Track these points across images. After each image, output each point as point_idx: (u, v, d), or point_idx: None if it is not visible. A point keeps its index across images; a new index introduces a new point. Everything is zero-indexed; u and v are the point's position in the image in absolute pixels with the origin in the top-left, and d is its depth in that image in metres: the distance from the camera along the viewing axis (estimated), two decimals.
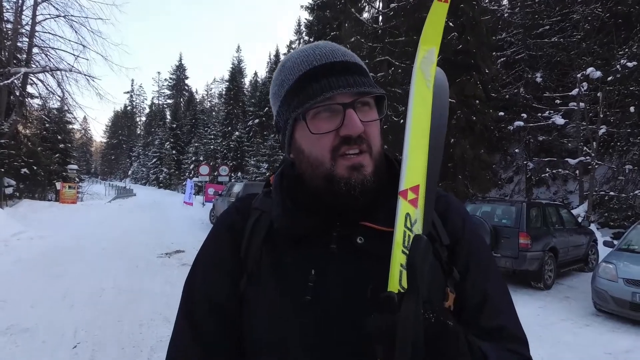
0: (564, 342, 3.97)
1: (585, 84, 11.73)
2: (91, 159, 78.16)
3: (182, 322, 0.64)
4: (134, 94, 74.59)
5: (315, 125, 0.59)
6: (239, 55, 45.64)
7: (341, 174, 0.58)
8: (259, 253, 0.63)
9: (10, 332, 3.50)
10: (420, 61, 0.61)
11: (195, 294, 0.66)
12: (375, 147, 0.61)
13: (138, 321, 3.92)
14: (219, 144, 35.03)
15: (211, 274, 0.66)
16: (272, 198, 0.67)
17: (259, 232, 0.64)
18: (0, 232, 8.23)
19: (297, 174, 0.65)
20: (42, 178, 17.11)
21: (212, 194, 18.22)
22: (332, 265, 0.59)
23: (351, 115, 0.57)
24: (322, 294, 0.57)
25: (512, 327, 0.63)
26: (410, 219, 0.55)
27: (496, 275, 0.67)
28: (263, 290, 0.61)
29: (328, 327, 0.56)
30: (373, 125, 0.60)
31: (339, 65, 0.60)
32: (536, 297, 5.71)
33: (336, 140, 0.58)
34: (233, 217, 0.69)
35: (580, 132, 12.62)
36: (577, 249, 7.31)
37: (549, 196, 15.12)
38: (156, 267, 6.45)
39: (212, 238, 0.70)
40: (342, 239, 0.60)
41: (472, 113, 15.13)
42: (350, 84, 0.57)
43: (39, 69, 16.38)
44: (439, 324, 0.44)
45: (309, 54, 0.62)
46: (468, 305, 0.62)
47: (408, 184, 0.57)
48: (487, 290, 0.63)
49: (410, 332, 0.41)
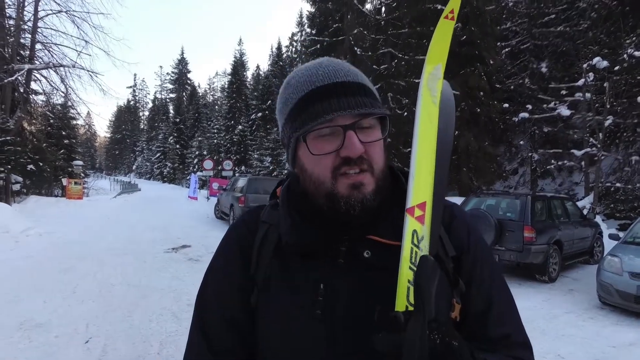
0: (567, 334, 4.00)
1: (591, 74, 11.58)
2: (95, 154, 78.59)
3: (197, 335, 0.66)
4: (136, 89, 74.61)
5: (317, 145, 0.60)
6: (240, 49, 45.55)
7: (342, 192, 0.60)
8: (268, 267, 0.64)
9: (24, 328, 3.58)
10: (427, 79, 0.62)
11: (208, 308, 0.67)
12: (377, 166, 0.61)
13: (147, 316, 4.00)
14: (222, 138, 35.06)
15: (223, 288, 0.67)
16: (280, 212, 0.68)
17: (268, 246, 0.66)
18: (10, 229, 8.35)
19: (302, 189, 0.66)
20: (48, 174, 17.27)
21: (216, 188, 18.30)
22: (340, 279, 0.61)
23: (351, 137, 0.58)
24: (331, 307, 0.59)
25: (517, 335, 0.65)
26: (417, 235, 0.57)
27: (501, 284, 0.68)
28: (274, 304, 0.63)
29: (338, 340, 0.58)
30: (375, 145, 0.61)
31: (341, 86, 0.60)
32: (540, 290, 5.74)
33: (337, 161, 0.59)
34: (242, 232, 0.70)
35: (586, 123, 12.49)
36: (583, 241, 7.30)
37: (554, 188, 15.04)
38: (163, 262, 6.54)
39: (221, 253, 0.71)
40: (350, 253, 0.62)
41: (476, 105, 15.02)
42: (351, 106, 0.58)
43: (42, 66, 16.42)
44: (444, 345, 0.45)
45: (312, 73, 0.63)
46: (473, 314, 0.64)
47: (415, 201, 0.59)
48: (492, 299, 0.65)
49: (415, 353, 0.43)
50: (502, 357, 0.59)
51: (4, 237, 7.96)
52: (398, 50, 15.71)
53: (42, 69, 16.60)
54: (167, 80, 65.38)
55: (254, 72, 46.86)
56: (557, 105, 13.38)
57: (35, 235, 8.56)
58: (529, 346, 0.66)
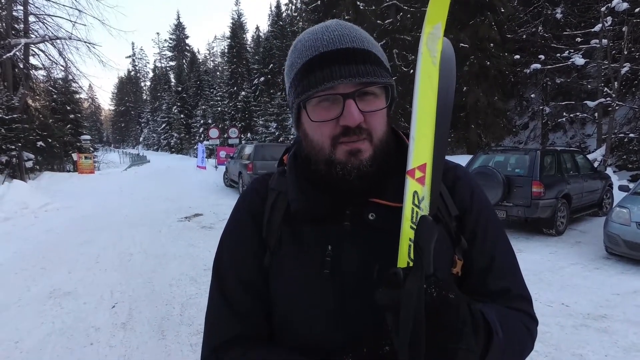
0: (572, 284, 4.11)
1: (609, 17, 10.90)
2: (102, 128, 78.71)
3: (217, 298, 0.69)
4: (135, 58, 73.07)
5: (317, 112, 0.61)
6: (238, 9, 43.64)
7: (339, 158, 0.61)
8: (279, 231, 0.67)
9: (54, 296, 3.83)
10: (426, 39, 0.61)
11: (225, 271, 0.70)
12: (376, 134, 0.62)
13: (167, 282, 4.21)
14: (226, 105, 34.65)
15: (238, 252, 0.70)
16: (287, 179, 0.70)
17: (278, 212, 0.69)
18: (29, 205, 8.65)
19: (306, 154, 0.68)
20: (58, 150, 17.50)
21: (223, 156, 18.40)
22: (347, 240, 0.63)
23: (350, 106, 0.58)
24: (338, 267, 0.62)
25: (517, 289, 0.68)
26: (417, 196, 0.59)
27: (503, 241, 0.70)
28: (285, 265, 0.66)
29: (345, 297, 0.62)
30: (376, 115, 0.61)
31: (345, 52, 0.59)
32: (547, 243, 5.82)
33: (337, 129, 0.60)
34: (252, 199, 0.73)
35: (601, 72, 11.95)
36: (592, 194, 7.27)
37: (566, 141, 14.74)
38: (178, 231, 6.76)
39: (234, 220, 0.74)
40: (355, 215, 0.64)
41: (486, 58, 14.42)
42: (353, 74, 0.58)
43: (38, 39, 16.06)
44: (440, 298, 0.48)
45: (318, 38, 0.62)
46: (475, 270, 0.66)
47: (415, 163, 0.60)
48: (494, 256, 0.67)
49: (412, 306, 0.46)
50: (500, 308, 0.62)
51: (24, 213, 8.27)
52: (403, 1, 14.89)
53: (38, 42, 16.26)
54: (166, 47, 63.76)
55: (253, 34, 45.24)
56: (571, 54, 12.75)
57: (53, 210, 8.86)
58: (529, 299, 0.69)
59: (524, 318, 0.66)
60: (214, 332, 0.68)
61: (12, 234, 6.58)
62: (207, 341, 0.68)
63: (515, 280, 0.69)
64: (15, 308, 3.57)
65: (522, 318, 0.65)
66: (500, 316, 0.58)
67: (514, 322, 0.63)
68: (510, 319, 0.62)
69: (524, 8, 16.11)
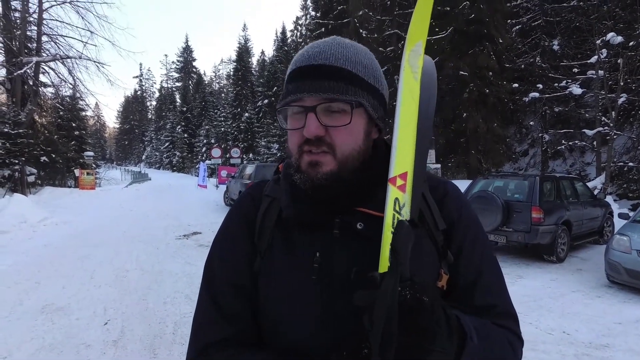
0: (573, 312, 4.03)
1: (604, 50, 11.22)
2: (105, 145, 79.59)
3: (206, 300, 0.70)
4: (143, 78, 74.76)
5: (290, 122, 0.66)
6: (245, 35, 44.98)
7: (302, 167, 0.65)
8: (270, 237, 0.69)
9: (46, 311, 3.76)
10: (408, 55, 0.64)
11: (216, 274, 0.71)
12: (340, 150, 0.64)
13: (162, 299, 4.15)
14: (229, 126, 35.14)
15: (229, 256, 0.72)
16: (280, 186, 0.73)
17: (270, 218, 0.71)
18: (28, 219, 8.63)
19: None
20: (61, 165, 17.62)
21: (225, 176, 18.47)
22: (335, 248, 0.65)
23: (309, 118, 0.62)
24: (326, 274, 0.64)
25: (504, 305, 0.68)
26: (399, 203, 0.61)
27: (490, 257, 0.71)
28: (274, 270, 0.68)
29: (332, 303, 0.63)
30: (340, 130, 0.63)
31: (314, 68, 0.63)
32: (548, 269, 5.75)
33: (302, 139, 0.64)
34: (247, 204, 0.75)
35: (598, 102, 12.18)
36: (592, 221, 7.24)
37: (566, 169, 14.82)
38: (175, 248, 6.71)
39: (228, 223, 0.76)
40: (344, 224, 0.66)
41: (485, 85, 14.75)
42: (316, 89, 0.61)
43: (49, 58, 16.53)
44: (414, 300, 0.49)
45: (303, 53, 0.67)
46: (461, 285, 0.67)
47: (397, 172, 0.62)
48: (481, 271, 0.68)
49: (384, 306, 0.47)
50: (483, 321, 0.62)
51: (23, 227, 8.23)
52: (404, 31, 15.38)
53: (49, 61, 16.72)
54: (173, 69, 65.36)
55: (259, 58, 46.52)
56: (568, 83, 13.04)
57: (51, 224, 8.83)
58: (515, 317, 0.69)
59: (508, 335, 0.65)
60: (201, 334, 0.69)
61: (8, 247, 6.54)
62: (194, 343, 0.68)
63: (502, 296, 0.69)
64: (5, 322, 3.51)
65: (505, 334, 0.65)
66: (478, 325, 0.59)
67: (495, 335, 0.63)
68: (491, 331, 0.62)
69: (521, 39, 16.63)
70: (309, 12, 35.47)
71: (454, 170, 16.97)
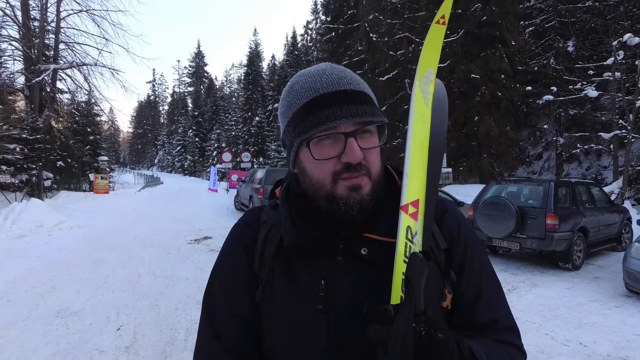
0: (590, 323, 3.92)
1: (621, 51, 10.98)
2: (119, 149, 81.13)
3: (207, 332, 0.69)
4: (155, 84, 76.10)
5: (319, 150, 0.63)
6: (256, 39, 45.53)
7: (341, 193, 0.63)
8: (271, 265, 0.68)
9: (60, 316, 3.84)
10: (419, 82, 0.65)
11: (216, 305, 0.70)
12: (374, 170, 0.64)
13: (173, 305, 4.19)
14: (240, 130, 35.48)
15: (229, 286, 0.70)
16: (280, 212, 0.70)
17: (270, 246, 0.69)
18: (44, 223, 8.84)
19: (301, 189, 0.68)
20: (76, 170, 18.04)
21: (235, 180, 18.62)
22: (339, 275, 0.64)
23: (352, 144, 0.60)
24: (332, 302, 0.63)
25: (505, 320, 0.69)
26: (411, 231, 0.60)
27: (489, 272, 0.72)
28: (277, 299, 0.66)
29: (338, 333, 0.62)
30: (373, 152, 0.64)
31: (344, 94, 0.63)
32: (564, 277, 5.61)
33: (338, 166, 0.62)
34: (244, 232, 0.73)
35: (615, 104, 11.90)
36: (609, 227, 7.05)
37: (581, 172, 14.49)
38: (186, 253, 6.78)
39: (226, 252, 0.74)
40: (348, 250, 0.65)
41: (497, 88, 14.55)
42: (353, 114, 0.60)
43: (66, 65, 16.98)
44: (429, 336, 0.49)
45: (316, 80, 0.65)
46: (464, 302, 0.67)
47: (409, 199, 0.62)
48: (481, 287, 0.69)
49: (399, 343, 0.47)
50: (487, 341, 0.63)
51: (39, 231, 8.44)
52: (415, 34, 15.31)
53: (66, 68, 17.17)
54: (185, 74, 66.34)
55: (269, 62, 46.86)
56: (584, 86, 12.78)
57: (67, 228, 9.02)
58: (516, 331, 0.70)
59: (511, 351, 0.66)
60: None
61: (25, 251, 6.70)
62: None
63: (503, 311, 0.70)
64: (22, 326, 3.59)
65: (509, 351, 0.66)
66: (488, 351, 0.59)
67: (503, 356, 0.63)
68: (499, 353, 0.63)
69: (535, 41, 16.38)
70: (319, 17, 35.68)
71: (465, 174, 16.75)
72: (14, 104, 16.29)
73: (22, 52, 16.16)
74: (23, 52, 16.07)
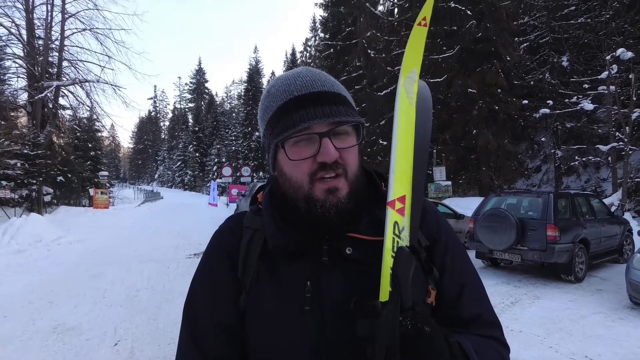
0: (595, 335, 3.86)
1: (615, 66, 11.18)
2: (120, 165, 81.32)
3: (188, 343, 0.67)
4: (157, 100, 76.93)
5: (295, 151, 0.63)
6: (256, 56, 46.14)
7: (318, 196, 0.63)
8: (255, 270, 0.66)
9: (57, 331, 3.78)
10: (403, 82, 0.66)
11: (198, 315, 0.68)
12: (351, 170, 0.64)
13: (172, 319, 4.13)
14: (240, 145, 35.68)
15: (212, 294, 0.68)
16: (263, 216, 0.69)
17: (254, 250, 0.68)
18: (43, 238, 8.80)
19: (282, 191, 0.68)
20: (76, 185, 18.05)
21: (235, 194, 18.62)
22: (325, 276, 0.64)
23: (326, 143, 0.61)
24: (318, 303, 0.62)
25: (487, 315, 0.70)
26: (398, 226, 0.61)
27: (470, 268, 0.73)
28: (263, 304, 0.65)
29: (327, 333, 0.61)
30: (349, 151, 0.64)
31: (317, 95, 0.63)
32: (566, 290, 5.56)
33: (314, 166, 0.62)
34: (227, 238, 0.72)
35: (611, 117, 12.03)
36: (611, 239, 7.02)
37: (580, 185, 14.52)
38: (186, 267, 6.72)
39: (207, 260, 0.72)
40: (332, 251, 0.64)
41: (494, 102, 14.73)
42: (326, 114, 0.61)
43: (69, 82, 17.22)
44: (415, 330, 0.49)
45: (290, 83, 0.66)
46: (447, 298, 0.68)
47: (395, 195, 0.63)
48: (464, 283, 0.69)
49: (385, 337, 0.47)
50: (475, 338, 0.63)
51: (38, 246, 8.39)
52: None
53: (69, 84, 17.41)
54: (186, 90, 67.14)
55: (269, 78, 47.49)
56: (579, 99, 12.95)
57: (66, 243, 8.97)
58: (499, 325, 0.71)
59: (496, 345, 0.67)
60: None
61: (24, 266, 6.65)
62: None
63: (485, 306, 0.70)
64: (18, 342, 3.53)
65: (494, 346, 0.67)
66: (476, 346, 0.60)
67: (489, 351, 0.64)
68: (485, 347, 0.63)
69: (530, 56, 16.68)
70: (318, 34, 36.39)
71: (465, 187, 16.77)
72: (16, 120, 16.45)
73: (25, 70, 16.42)
74: (27, 70, 16.32)
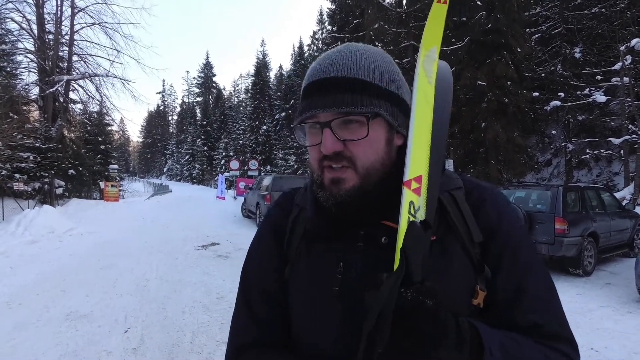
0: (602, 328, 3.84)
1: (629, 56, 10.91)
2: (129, 158, 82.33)
3: (242, 306, 0.74)
4: (165, 94, 77.43)
5: (309, 137, 0.65)
6: (263, 50, 46.09)
7: (325, 184, 0.63)
8: (298, 246, 0.71)
9: (70, 319, 3.89)
10: (422, 61, 0.64)
11: (250, 281, 0.75)
12: (361, 163, 0.61)
13: (180, 308, 4.22)
14: (247, 139, 35.82)
15: (261, 264, 0.75)
16: (307, 195, 0.72)
17: (299, 228, 0.72)
18: (55, 229, 8.99)
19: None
20: (87, 178, 18.34)
21: (243, 187, 18.75)
22: (358, 259, 0.64)
23: (326, 134, 0.60)
24: (348, 284, 0.63)
25: (552, 325, 0.60)
26: (414, 206, 0.60)
27: (536, 269, 0.64)
28: (299, 279, 0.69)
29: (353, 314, 0.62)
30: (359, 143, 0.61)
31: (327, 82, 0.61)
32: (575, 283, 5.52)
33: (321, 154, 0.62)
34: (276, 214, 0.77)
35: (624, 109, 11.77)
36: (621, 233, 6.93)
37: (591, 179, 14.28)
38: (194, 258, 6.82)
39: (259, 232, 0.79)
40: (368, 237, 0.65)
41: (503, 95, 14.49)
42: (329, 104, 0.59)
43: (79, 76, 17.42)
44: (415, 301, 0.48)
45: (315, 66, 0.65)
46: (499, 301, 0.61)
47: (412, 175, 0.61)
48: (524, 285, 0.61)
49: (378, 304, 0.47)
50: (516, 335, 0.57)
51: (50, 237, 8.58)
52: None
53: (79, 79, 17.61)
54: (194, 84, 67.45)
55: (276, 72, 47.43)
56: (592, 91, 12.69)
57: (77, 235, 9.16)
58: (569, 339, 0.61)
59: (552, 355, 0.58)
60: (235, 335, 0.73)
61: (37, 257, 6.82)
62: (230, 345, 0.73)
63: (549, 315, 0.61)
64: (33, 328, 3.65)
65: (549, 355, 0.57)
66: (508, 341, 0.54)
67: (532, 353, 0.56)
68: (528, 349, 0.56)
69: (541, 48, 16.33)
70: (325, 27, 36.10)
71: None
72: (28, 114, 16.74)
73: (36, 64, 16.66)
74: (38, 64, 16.56)
